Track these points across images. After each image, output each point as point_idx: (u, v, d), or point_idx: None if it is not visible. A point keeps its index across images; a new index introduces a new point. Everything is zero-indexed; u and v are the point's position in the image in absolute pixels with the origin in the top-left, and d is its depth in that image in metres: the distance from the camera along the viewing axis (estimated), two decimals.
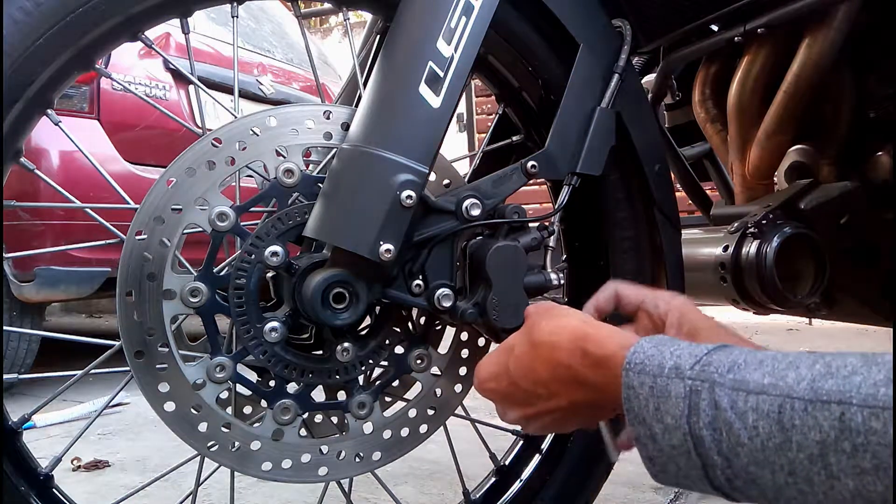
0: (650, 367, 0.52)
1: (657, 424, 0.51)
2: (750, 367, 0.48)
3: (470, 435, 1.01)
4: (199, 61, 2.80)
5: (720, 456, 0.47)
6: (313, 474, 0.82)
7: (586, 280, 1.02)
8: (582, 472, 0.99)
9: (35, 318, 2.57)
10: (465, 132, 6.12)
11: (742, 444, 0.46)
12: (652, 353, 0.53)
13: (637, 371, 0.53)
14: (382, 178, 0.72)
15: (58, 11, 0.71)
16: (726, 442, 0.47)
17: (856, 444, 0.42)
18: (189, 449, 0.78)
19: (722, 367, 0.50)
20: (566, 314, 0.64)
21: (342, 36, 7.90)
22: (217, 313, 0.77)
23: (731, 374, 0.49)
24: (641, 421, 0.52)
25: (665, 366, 0.52)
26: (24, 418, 0.83)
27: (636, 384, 0.52)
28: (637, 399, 0.52)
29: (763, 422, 0.46)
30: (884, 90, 1.07)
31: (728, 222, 1.10)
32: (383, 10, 0.87)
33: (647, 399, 0.51)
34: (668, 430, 0.50)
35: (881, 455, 0.41)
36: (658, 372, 0.52)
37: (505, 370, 0.65)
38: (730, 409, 0.47)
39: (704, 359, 0.51)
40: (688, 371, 0.50)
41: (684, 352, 0.52)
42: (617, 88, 0.86)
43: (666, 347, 0.53)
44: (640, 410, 0.52)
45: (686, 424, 0.49)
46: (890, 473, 0.40)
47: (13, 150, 0.76)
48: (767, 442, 0.45)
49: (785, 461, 0.44)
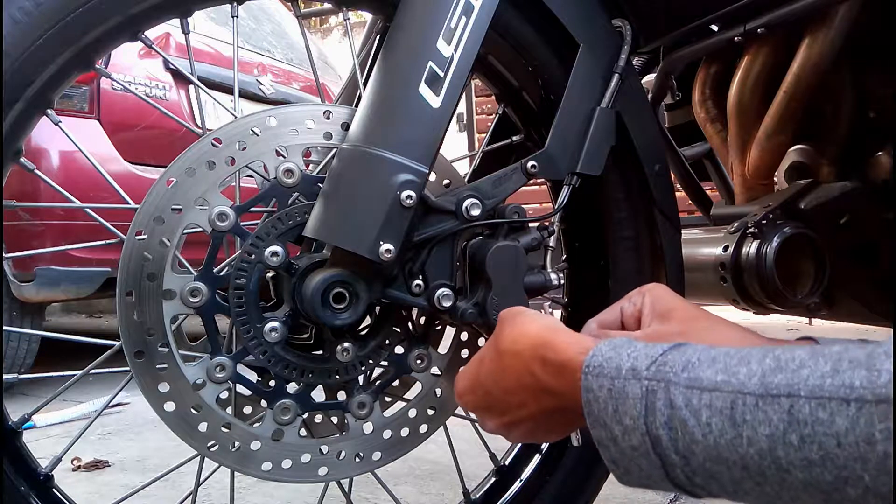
0: (608, 369, 0.53)
1: (616, 426, 0.51)
2: (703, 365, 0.49)
3: (470, 435, 1.01)
4: (199, 61, 2.80)
5: (678, 455, 0.48)
6: (313, 474, 0.82)
7: (586, 280, 1.02)
8: (581, 472, 0.99)
9: (35, 318, 2.57)
10: (465, 132, 6.12)
11: (697, 442, 0.47)
12: (609, 355, 0.54)
13: (595, 374, 0.53)
14: (382, 178, 0.72)
15: (58, 11, 0.71)
16: (682, 440, 0.47)
17: (803, 436, 0.42)
18: (189, 449, 0.78)
19: (677, 367, 0.50)
20: (528, 320, 0.63)
21: (342, 36, 7.90)
22: (217, 313, 0.77)
23: (685, 373, 0.49)
24: (602, 424, 0.52)
25: (622, 367, 0.52)
26: (24, 418, 0.83)
27: (595, 387, 0.53)
28: (596, 402, 0.52)
29: (716, 418, 0.46)
30: (884, 90, 1.07)
31: (728, 222, 1.10)
32: (383, 10, 0.87)
33: (606, 402, 0.52)
34: (627, 432, 0.50)
35: (827, 445, 0.41)
36: (616, 374, 0.52)
37: (478, 380, 0.65)
38: (684, 407, 0.48)
39: (660, 359, 0.51)
40: (644, 371, 0.51)
41: (640, 353, 0.53)
42: (617, 88, 0.86)
43: (623, 349, 0.54)
44: (600, 413, 0.52)
45: (643, 425, 0.49)
46: (837, 463, 0.41)
47: (13, 150, 0.76)
48: (720, 439, 0.46)
49: (737, 457, 0.45)
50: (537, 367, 0.59)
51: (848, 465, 0.40)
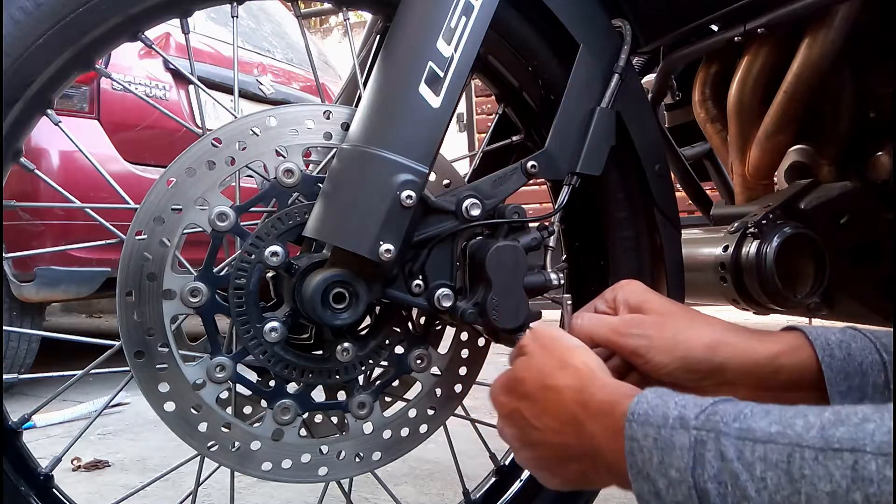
0: (654, 417, 0.50)
1: (661, 479, 0.48)
2: (756, 416, 0.47)
3: (470, 435, 1.01)
4: (199, 61, 2.80)
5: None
6: (313, 474, 0.82)
7: (586, 280, 1.02)
8: None
9: (35, 318, 2.57)
10: (465, 132, 6.11)
11: (749, 499, 0.44)
12: (656, 403, 0.51)
13: (640, 422, 0.51)
14: (382, 178, 0.72)
15: (58, 11, 0.71)
16: (732, 496, 0.45)
17: (868, 495, 0.40)
18: (189, 449, 0.78)
19: (728, 417, 0.48)
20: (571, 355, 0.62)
21: (342, 36, 7.90)
22: (217, 313, 0.77)
23: (736, 423, 0.47)
24: (645, 476, 0.49)
25: (669, 416, 0.50)
26: (24, 418, 0.83)
27: (640, 436, 0.50)
28: (640, 452, 0.50)
29: (771, 472, 0.43)
30: (884, 90, 1.07)
31: (728, 222, 1.10)
32: (383, 10, 0.87)
33: (651, 451, 0.49)
34: (672, 485, 0.48)
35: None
36: (662, 423, 0.50)
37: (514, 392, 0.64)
38: (736, 459, 0.45)
39: (710, 409, 0.49)
40: (693, 421, 0.48)
41: (689, 402, 0.50)
42: (617, 88, 0.86)
43: (670, 398, 0.52)
44: (644, 464, 0.49)
45: (691, 478, 0.47)
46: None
47: (13, 150, 0.76)
48: (775, 495, 0.43)
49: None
50: (579, 408, 0.57)
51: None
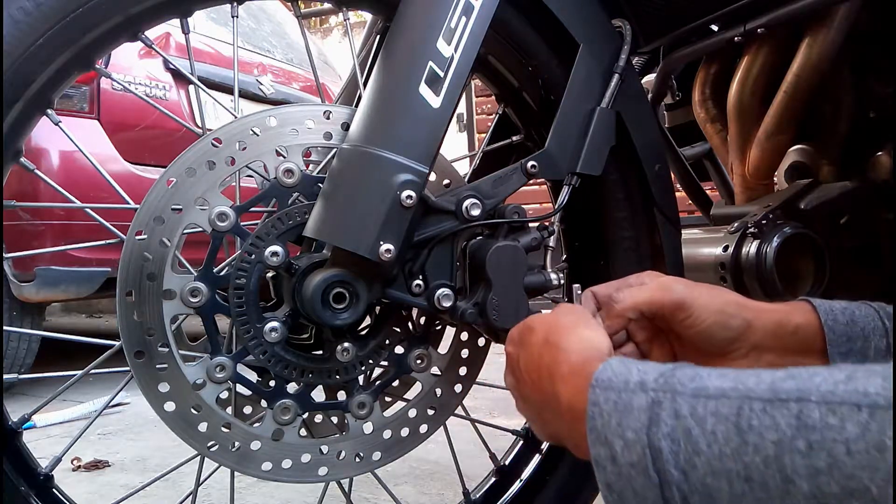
0: (616, 382, 0.52)
1: (618, 441, 0.49)
2: (712, 377, 0.48)
3: (470, 435, 1.01)
4: (199, 61, 2.80)
5: (677, 469, 0.46)
6: (313, 474, 0.82)
7: (586, 280, 1.02)
8: (582, 472, 0.99)
9: (35, 318, 2.57)
10: (465, 132, 6.12)
11: (700, 453, 0.45)
12: (619, 370, 0.53)
13: (603, 388, 0.52)
14: (382, 178, 0.72)
15: (58, 11, 0.71)
16: (684, 452, 0.46)
17: (811, 442, 0.40)
18: (189, 449, 0.78)
19: (685, 378, 0.49)
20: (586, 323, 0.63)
21: (342, 36, 7.90)
22: (217, 313, 0.77)
23: (692, 384, 0.48)
24: (603, 441, 0.50)
25: (630, 381, 0.51)
26: (24, 418, 0.83)
27: (601, 400, 0.51)
28: (601, 416, 0.51)
29: (721, 426, 0.44)
30: (884, 90, 1.07)
31: (728, 222, 1.10)
32: (383, 10, 0.87)
33: (610, 414, 0.50)
34: (627, 446, 0.49)
35: (836, 452, 0.39)
36: (623, 387, 0.51)
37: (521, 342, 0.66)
38: (689, 416, 0.46)
39: (668, 373, 0.50)
40: (651, 384, 0.50)
41: (650, 368, 0.52)
42: (617, 88, 0.86)
43: (633, 365, 0.53)
44: (603, 428, 0.51)
45: (645, 437, 0.48)
46: (845, 472, 0.39)
47: (13, 150, 0.76)
48: (725, 447, 0.44)
49: (741, 466, 0.43)
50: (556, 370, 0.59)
51: (856, 474, 0.38)
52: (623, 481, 0.49)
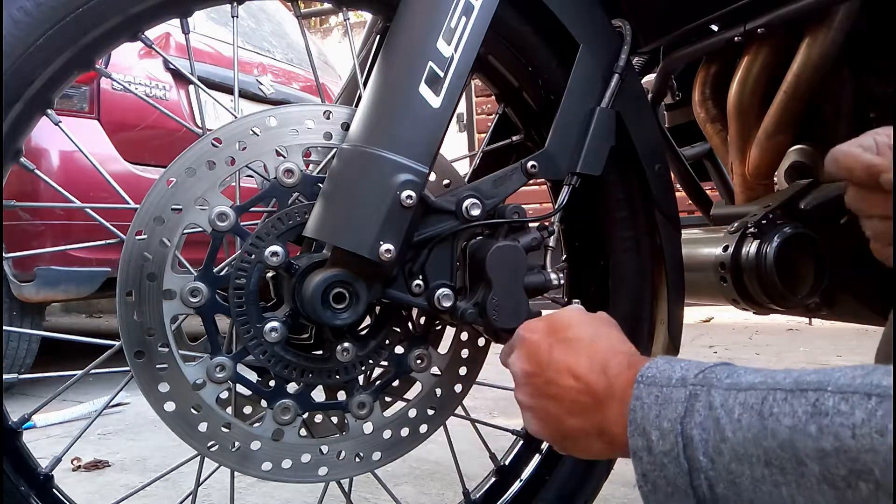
0: (660, 378, 0.54)
1: (654, 431, 0.52)
2: (747, 373, 0.50)
3: (470, 435, 1.01)
4: (199, 61, 2.80)
5: (706, 457, 0.48)
6: (313, 474, 0.82)
7: (586, 280, 1.02)
8: (582, 471, 0.99)
9: (35, 318, 2.57)
10: (465, 132, 6.12)
11: (726, 440, 0.47)
12: (664, 367, 0.55)
13: (647, 383, 0.55)
14: (382, 178, 0.72)
15: (58, 11, 0.71)
16: (712, 440, 0.48)
17: (821, 426, 0.42)
18: (189, 449, 0.78)
19: (722, 374, 0.51)
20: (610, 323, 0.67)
21: (342, 36, 7.90)
22: (217, 313, 0.77)
23: (728, 379, 0.51)
24: (641, 431, 0.53)
25: (673, 377, 0.54)
26: (24, 418, 0.83)
27: (644, 395, 0.54)
28: (641, 409, 0.53)
29: (746, 414, 0.47)
30: (884, 90, 1.07)
31: (728, 222, 1.10)
32: (383, 10, 0.87)
33: (651, 407, 0.53)
34: (663, 435, 0.51)
35: (842, 436, 0.41)
36: (665, 383, 0.54)
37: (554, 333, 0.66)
38: (720, 406, 0.49)
39: (708, 370, 0.53)
40: (692, 379, 0.52)
41: (692, 365, 0.54)
42: (617, 88, 0.86)
43: (677, 363, 0.56)
44: (642, 420, 0.53)
45: (679, 425, 0.50)
46: (850, 455, 0.40)
47: (13, 150, 0.76)
48: (748, 433, 0.46)
49: (761, 451, 0.45)
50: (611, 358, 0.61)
51: (860, 457, 0.40)
52: (657, 471, 0.51)
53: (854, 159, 0.66)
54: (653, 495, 0.53)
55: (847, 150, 0.67)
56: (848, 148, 0.67)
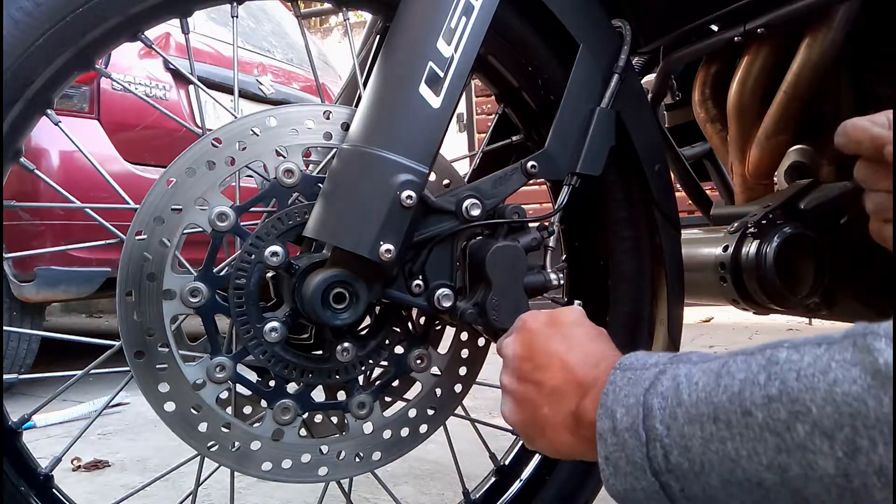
0: (636, 364, 0.55)
1: (620, 409, 0.52)
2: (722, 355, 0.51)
3: (470, 435, 1.01)
4: (199, 61, 2.80)
5: (662, 424, 0.48)
6: (313, 474, 0.82)
7: (586, 280, 1.02)
8: (582, 471, 0.99)
9: (35, 318, 2.57)
10: (465, 132, 6.12)
11: (682, 403, 0.48)
12: (643, 356, 0.56)
13: (623, 369, 0.55)
14: (382, 178, 0.72)
15: (58, 11, 0.71)
16: (669, 406, 0.48)
17: (770, 373, 0.43)
18: (189, 449, 0.78)
19: (696, 356, 0.52)
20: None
21: (342, 36, 7.90)
22: (217, 313, 0.77)
23: (701, 359, 0.51)
24: (609, 413, 0.53)
25: (649, 363, 0.54)
26: (24, 418, 0.83)
27: (618, 379, 0.54)
28: (614, 391, 0.53)
29: (705, 377, 0.47)
30: (884, 90, 1.07)
31: (728, 222, 1.10)
32: (383, 10, 0.87)
33: (623, 387, 0.53)
34: (627, 411, 0.51)
35: (787, 379, 0.42)
36: (640, 367, 0.54)
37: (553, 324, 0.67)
38: (684, 375, 0.49)
39: (683, 354, 0.53)
40: (665, 361, 0.53)
41: (669, 354, 0.55)
42: (617, 89, 0.86)
43: (657, 354, 0.56)
44: (612, 402, 0.53)
45: (643, 398, 0.50)
46: (791, 395, 0.41)
47: (13, 150, 0.76)
48: (701, 393, 0.47)
49: (711, 409, 0.45)
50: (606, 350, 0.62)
51: (800, 397, 0.41)
52: (618, 451, 0.51)
53: (862, 131, 0.68)
54: (613, 478, 0.52)
55: (856, 123, 0.68)
56: (858, 121, 0.68)
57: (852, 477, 0.39)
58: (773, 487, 0.42)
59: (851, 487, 0.39)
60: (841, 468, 0.39)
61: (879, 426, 0.37)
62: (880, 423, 0.37)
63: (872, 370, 0.38)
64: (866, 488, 0.38)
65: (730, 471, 0.44)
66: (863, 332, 0.40)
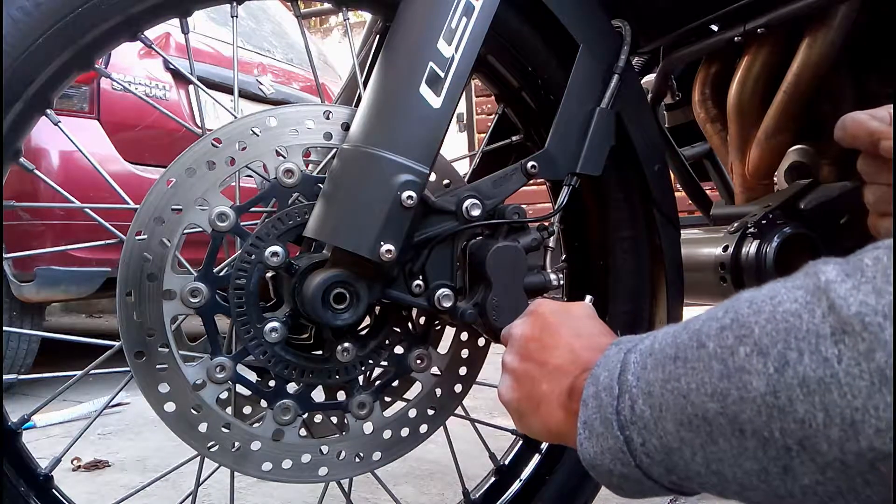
0: (633, 339, 0.54)
1: (604, 373, 0.52)
2: None
3: (470, 435, 1.01)
4: (199, 61, 2.80)
5: (633, 376, 0.48)
6: (313, 474, 0.82)
7: (586, 280, 1.02)
8: (581, 471, 0.98)
9: (35, 318, 2.57)
10: (465, 132, 6.12)
11: (653, 353, 0.48)
12: (639, 335, 0.55)
13: (618, 343, 0.55)
14: (383, 178, 0.72)
15: (58, 11, 0.71)
16: (642, 360, 0.48)
17: (727, 307, 0.43)
18: (189, 449, 0.78)
19: None
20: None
21: (342, 36, 7.90)
22: (217, 313, 0.77)
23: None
24: (594, 378, 0.53)
25: (645, 339, 0.53)
26: (24, 418, 0.83)
27: (612, 352, 0.54)
28: (606, 363, 0.53)
29: (677, 327, 0.48)
30: (884, 90, 1.07)
31: (728, 222, 1.10)
32: (383, 10, 0.87)
33: (612, 358, 0.53)
34: (610, 373, 0.51)
35: (740, 308, 0.42)
36: (637, 341, 0.54)
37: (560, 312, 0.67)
38: (663, 332, 0.49)
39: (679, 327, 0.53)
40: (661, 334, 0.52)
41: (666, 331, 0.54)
42: (616, 89, 0.86)
43: (654, 333, 0.55)
44: (600, 369, 0.53)
45: (623, 355, 0.51)
46: (740, 321, 0.41)
47: (13, 150, 0.76)
48: (668, 339, 0.47)
49: (674, 350, 0.45)
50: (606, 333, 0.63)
51: (747, 321, 0.41)
52: (595, 413, 0.51)
53: (859, 125, 0.68)
54: (587, 441, 0.52)
55: (855, 117, 0.69)
56: (857, 114, 0.69)
57: (779, 392, 0.38)
58: (714, 419, 0.42)
59: (778, 405, 0.38)
60: (771, 385, 0.38)
61: (808, 337, 0.37)
62: (810, 334, 0.37)
63: (813, 288, 0.39)
64: (790, 402, 0.37)
65: (682, 408, 0.44)
66: (814, 262, 0.41)
